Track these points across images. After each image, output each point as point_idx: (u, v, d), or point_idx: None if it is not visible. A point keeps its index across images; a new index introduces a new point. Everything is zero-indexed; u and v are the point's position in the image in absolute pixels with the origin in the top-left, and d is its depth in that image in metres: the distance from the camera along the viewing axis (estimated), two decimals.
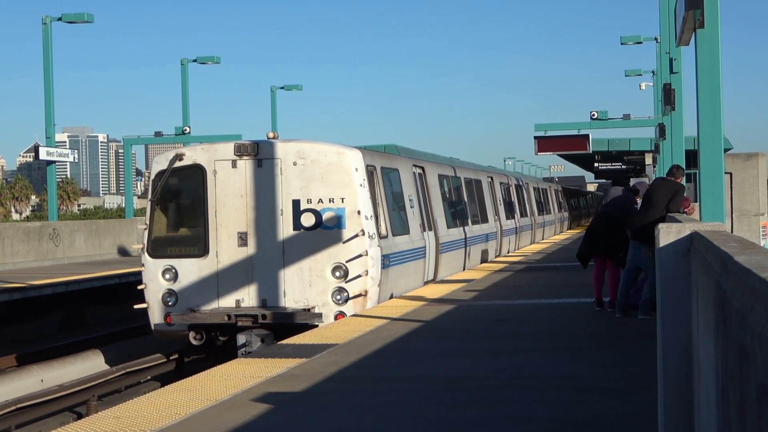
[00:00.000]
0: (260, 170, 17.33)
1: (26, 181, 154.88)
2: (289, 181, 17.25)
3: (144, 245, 17.84)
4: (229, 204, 17.38)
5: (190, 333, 17.29)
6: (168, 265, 17.58)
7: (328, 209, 17.22)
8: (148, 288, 17.77)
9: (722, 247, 4.47)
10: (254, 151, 17.35)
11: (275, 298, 17.23)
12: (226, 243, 17.38)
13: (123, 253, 35.29)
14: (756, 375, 2.90)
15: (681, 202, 14.07)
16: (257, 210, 17.31)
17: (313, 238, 17.20)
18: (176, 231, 18.36)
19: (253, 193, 17.32)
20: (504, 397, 9.35)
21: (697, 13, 11.01)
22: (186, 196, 18.30)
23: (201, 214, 17.60)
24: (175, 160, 17.60)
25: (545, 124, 36.62)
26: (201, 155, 17.57)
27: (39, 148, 35.35)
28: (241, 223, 17.36)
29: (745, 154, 33.33)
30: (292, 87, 56.16)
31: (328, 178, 17.24)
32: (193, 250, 17.67)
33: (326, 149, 17.54)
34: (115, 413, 9.12)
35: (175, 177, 17.81)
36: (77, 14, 35.69)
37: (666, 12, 21.91)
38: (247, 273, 17.31)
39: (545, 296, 18.65)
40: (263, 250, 17.28)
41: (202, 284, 17.44)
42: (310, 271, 17.21)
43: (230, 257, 17.37)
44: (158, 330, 17.85)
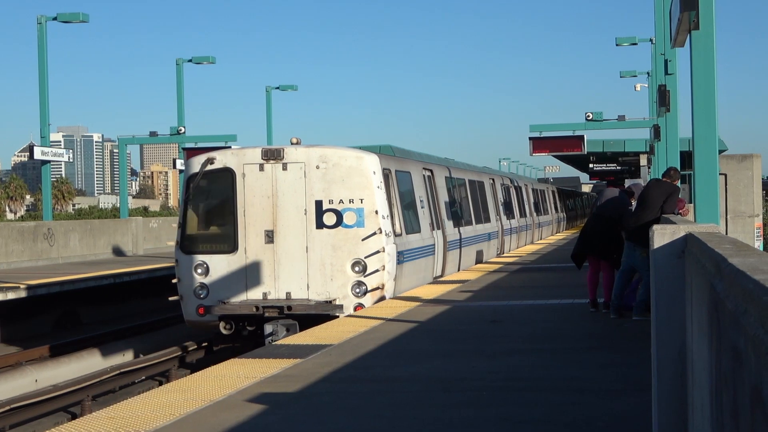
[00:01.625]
0: (285, 173, 18.71)
1: (21, 180, 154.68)
2: (312, 183, 18.62)
3: (178, 242, 19.29)
4: (256, 204, 18.74)
5: (221, 323, 18.66)
6: (200, 260, 18.93)
7: (348, 209, 18.60)
8: (182, 282, 19.11)
9: (716, 249, 4.47)
10: (280, 155, 18.78)
11: (299, 291, 18.59)
12: (253, 240, 18.71)
13: (118, 253, 35.26)
14: (749, 377, 2.90)
15: (676, 204, 14.08)
16: (282, 210, 18.69)
17: (334, 235, 18.59)
18: (207, 229, 19.74)
19: (279, 194, 18.72)
20: (499, 398, 9.35)
21: (692, 15, 11.02)
22: (216, 197, 19.57)
23: (230, 214, 18.92)
24: (207, 163, 19.00)
25: (540, 125, 36.63)
26: (231, 159, 18.97)
27: (34, 148, 35.30)
28: (268, 222, 18.70)
29: (740, 156, 33.33)
30: (287, 87, 56.13)
31: (348, 180, 18.64)
32: (223, 246, 18.96)
33: (346, 154, 18.95)
34: (109, 413, 9.11)
35: (206, 179, 19.17)
36: (72, 14, 35.63)
37: (661, 13, 21.91)
38: (273, 268, 18.65)
39: (540, 297, 18.66)
40: (288, 246, 18.67)
41: (232, 278, 18.76)
42: (331, 266, 18.59)
43: (258, 253, 18.70)
44: (191, 320, 19.16)
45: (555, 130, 36.96)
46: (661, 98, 20.94)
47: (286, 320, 18.33)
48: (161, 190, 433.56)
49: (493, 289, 20.71)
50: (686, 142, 26.50)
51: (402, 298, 19.12)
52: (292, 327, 18.10)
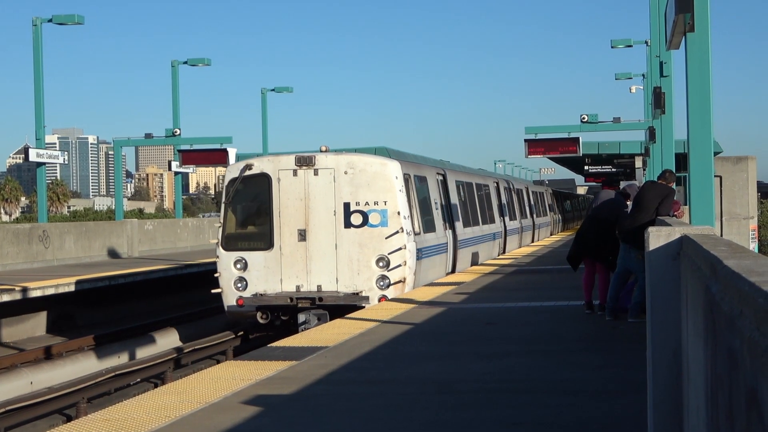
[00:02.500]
0: (316, 178, 20.66)
1: (16, 182, 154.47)
2: (341, 187, 20.59)
3: (219, 240, 21.15)
4: (290, 206, 20.69)
5: (258, 313, 20.69)
6: (239, 256, 20.84)
7: (373, 210, 20.58)
8: (222, 276, 20.97)
9: (711, 251, 4.48)
10: (312, 162, 20.71)
11: (329, 284, 20.54)
12: (288, 238, 20.67)
13: (113, 255, 35.22)
14: (745, 379, 2.91)
15: (671, 206, 14.09)
16: (314, 211, 20.63)
17: (361, 234, 20.57)
18: (245, 228, 21.76)
19: (311, 196, 20.65)
20: (494, 401, 9.35)
21: (687, 17, 11.04)
22: (254, 200, 21.47)
23: (267, 215, 20.91)
24: (246, 169, 20.95)
25: (535, 127, 36.63)
26: (267, 165, 20.94)
27: (29, 150, 35.23)
28: (301, 222, 20.66)
29: (735, 158, 33.39)
30: (282, 89, 56.11)
31: (374, 184, 20.60)
32: (260, 244, 20.93)
33: (372, 161, 20.97)
34: (104, 416, 9.10)
35: (244, 183, 21.05)
36: (67, 16, 35.57)
37: (656, 16, 21.94)
38: (306, 263, 20.64)
39: (535, 299, 18.66)
40: (319, 244, 20.62)
41: (268, 272, 20.73)
42: (358, 261, 20.56)
43: (291, 250, 20.66)
44: (230, 311, 21.08)
45: (550, 132, 36.95)
46: (656, 100, 20.96)
47: (318, 310, 20.17)
48: (156, 192, 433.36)
49: (488, 291, 20.71)
50: (681, 144, 26.49)
51: (398, 300, 19.19)
52: (323, 316, 19.81)
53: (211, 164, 40.18)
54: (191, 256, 36.53)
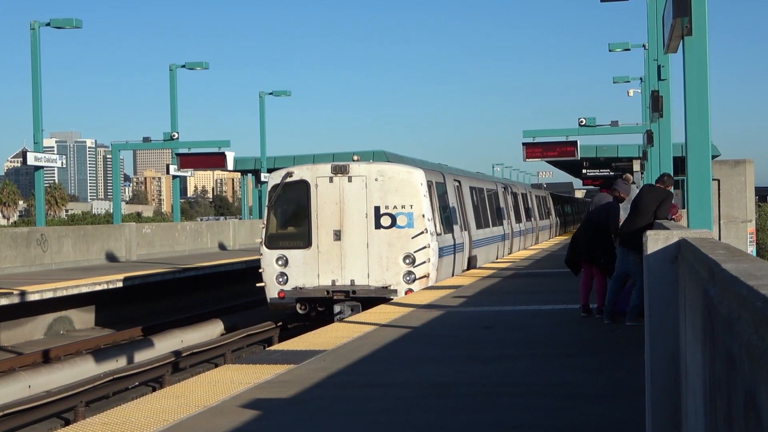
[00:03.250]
0: (350, 184, 22.83)
1: (14, 186, 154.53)
2: (372, 193, 22.74)
3: (262, 239, 23.28)
4: (326, 209, 22.81)
5: (297, 304, 22.89)
6: (281, 254, 22.99)
7: (400, 213, 22.76)
8: (266, 271, 23.14)
9: (710, 255, 4.48)
10: (346, 170, 22.89)
11: (361, 279, 22.71)
12: (324, 238, 22.81)
13: (111, 259, 35.19)
14: (743, 383, 2.91)
15: (669, 209, 14.10)
16: (348, 214, 22.78)
17: (390, 234, 22.72)
18: (286, 229, 23.85)
19: (345, 201, 22.79)
20: (492, 404, 9.36)
21: (685, 21, 11.05)
22: (294, 203, 23.52)
23: (305, 217, 23.04)
24: (287, 176, 23.12)
25: (533, 131, 36.69)
26: (306, 173, 23.08)
27: (27, 154, 35.20)
28: (336, 223, 22.79)
29: (733, 161, 33.38)
30: (280, 93, 56.15)
31: (401, 190, 22.76)
32: (299, 243, 23.05)
33: (399, 169, 23.37)
34: (102, 419, 9.10)
35: (285, 189, 23.15)
36: (65, 19, 35.52)
37: (654, 19, 21.96)
38: (340, 260, 22.78)
39: (533, 302, 18.68)
40: (352, 243, 22.78)
41: (307, 268, 22.87)
42: (387, 258, 22.69)
43: (328, 248, 22.81)
44: (273, 303, 23.29)
45: (548, 136, 37.01)
46: (654, 104, 20.98)
47: (351, 302, 22.38)
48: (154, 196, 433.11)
49: (486, 295, 20.73)
50: (679, 148, 26.47)
51: (396, 304, 19.23)
52: (356, 307, 21.94)
53: (209, 168, 40.24)
54: (190, 259, 36.50)
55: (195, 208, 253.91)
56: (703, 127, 11.64)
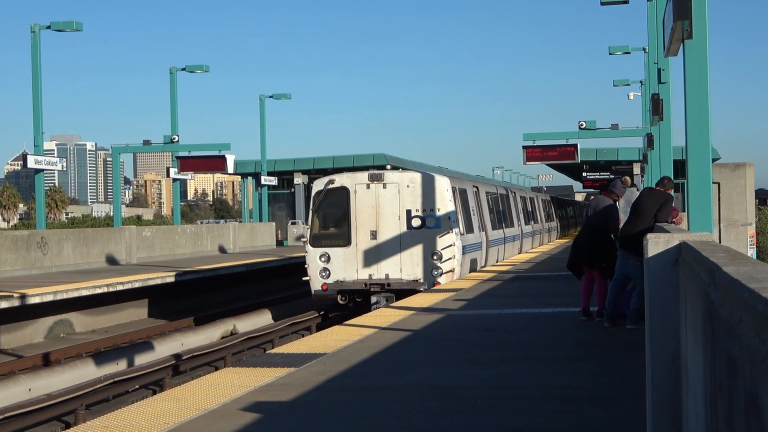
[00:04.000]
0: (385, 190, 25.68)
1: (14, 189, 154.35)
2: (404, 197, 25.58)
3: (307, 239, 26.21)
4: (364, 212, 25.68)
5: (338, 296, 25.73)
6: (323, 251, 25.81)
7: (429, 215, 25.53)
8: (310, 267, 25.98)
9: (710, 258, 4.48)
10: (381, 178, 25.77)
11: (395, 273, 25.58)
12: (362, 237, 25.68)
13: (111, 262, 35.18)
14: (744, 385, 2.91)
15: (669, 212, 14.09)
16: (383, 216, 25.63)
17: (420, 234, 25.53)
18: (328, 230, 26.39)
19: (381, 205, 25.65)
20: (492, 407, 9.35)
21: (685, 24, 11.05)
22: (335, 207, 26.13)
23: (345, 219, 25.85)
24: (329, 183, 25.95)
25: (534, 134, 36.66)
26: (346, 180, 25.92)
27: (27, 156, 35.17)
28: (372, 224, 25.64)
29: (733, 164, 33.41)
30: (280, 96, 56.13)
31: (430, 195, 25.59)
32: (340, 242, 25.86)
33: (428, 177, 26.24)
34: (103, 422, 9.09)
35: (327, 195, 25.94)
36: (66, 22, 35.51)
37: (654, 22, 21.96)
38: (376, 256, 25.61)
39: (533, 306, 18.67)
40: (387, 241, 25.58)
41: (347, 264, 25.72)
42: (417, 255, 25.47)
43: (365, 246, 25.65)
44: (317, 294, 26.16)
45: (548, 139, 36.98)
46: (654, 107, 20.98)
47: (386, 293, 25.12)
48: (155, 199, 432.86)
49: (486, 298, 20.72)
50: (680, 151, 26.52)
51: (395, 307, 19.23)
52: (390, 298, 24.57)
53: (209, 171, 40.23)
54: (190, 262, 36.50)
55: (195, 211, 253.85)
56: (703, 130, 11.64)
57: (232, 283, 36.84)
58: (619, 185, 16.46)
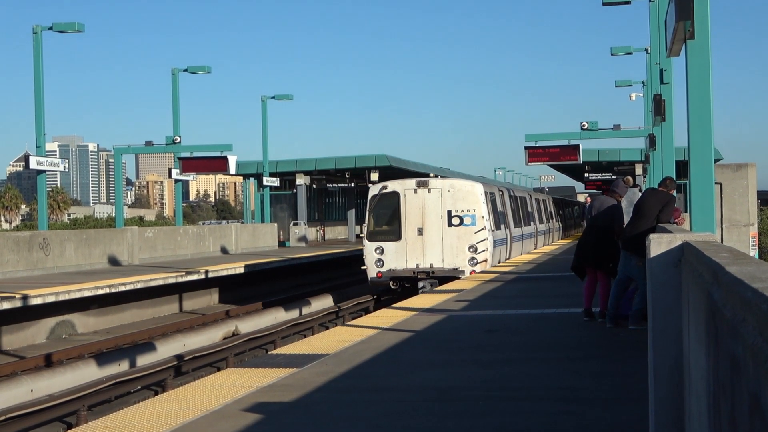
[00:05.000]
0: (429, 194, 30.56)
1: (16, 190, 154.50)
2: (445, 200, 30.43)
3: (365, 235, 31.46)
4: (412, 212, 30.53)
5: (390, 282, 30.73)
6: (378, 245, 30.73)
7: (466, 215, 30.35)
8: (367, 258, 30.89)
9: (713, 258, 4.48)
10: (427, 184, 30.79)
11: (438, 262, 30.38)
12: (410, 233, 30.54)
13: (113, 263, 35.19)
14: (748, 386, 2.90)
15: (672, 213, 14.07)
16: (428, 216, 30.47)
17: (458, 230, 30.37)
18: (382, 227, 31.21)
19: (426, 206, 30.47)
20: (494, 408, 9.34)
21: (687, 24, 11.03)
22: (388, 208, 30.98)
23: (396, 218, 30.70)
24: (383, 189, 31.04)
25: (536, 135, 36.67)
26: (397, 186, 30.89)
27: (29, 158, 35.18)
28: (419, 222, 30.47)
29: (735, 165, 33.35)
30: (282, 96, 56.12)
31: (467, 198, 30.44)
32: (392, 237, 30.71)
33: (465, 183, 31.44)
34: (105, 423, 9.09)
35: (381, 198, 30.90)
36: (68, 23, 35.51)
37: (656, 23, 21.96)
38: (422, 249, 30.46)
39: (535, 306, 18.65)
40: (431, 237, 30.45)
41: (398, 255, 30.61)
42: (456, 248, 30.34)
43: (413, 241, 30.53)
44: (372, 281, 31.30)
45: (550, 140, 36.98)
46: (656, 107, 20.97)
47: (431, 279, 29.88)
48: (157, 200, 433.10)
49: (488, 298, 20.71)
50: (682, 152, 26.51)
51: (397, 308, 19.21)
52: (434, 283, 29.18)
53: (211, 172, 40.27)
54: (192, 263, 36.51)
55: (197, 212, 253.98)
56: (705, 130, 11.62)
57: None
58: (622, 185, 16.44)
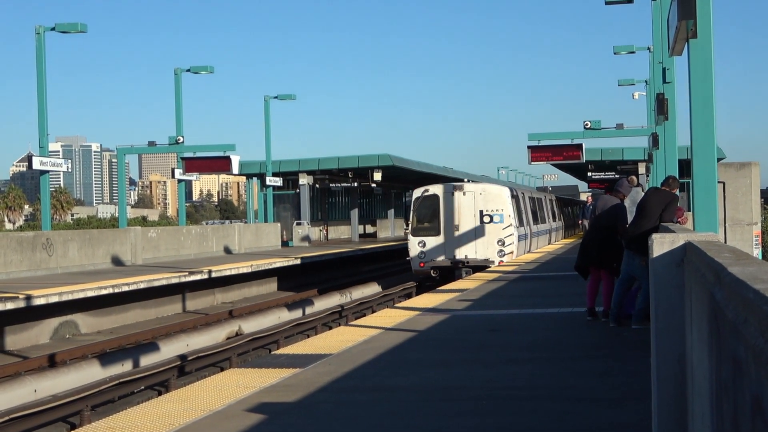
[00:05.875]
0: (464, 197, 35.72)
1: (19, 190, 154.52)
2: (478, 201, 35.56)
3: (409, 231, 36.99)
4: (449, 211, 35.48)
5: (431, 271, 35.73)
6: (421, 239, 35.86)
7: (495, 214, 35.41)
8: (411, 250, 36.10)
9: (716, 258, 4.47)
10: (462, 188, 35.92)
11: (472, 254, 35.49)
12: (448, 229, 35.53)
13: (117, 263, 35.21)
14: (750, 386, 2.90)
15: (674, 212, 14.06)
16: (463, 214, 35.55)
17: (489, 227, 35.40)
18: (424, 224, 36.17)
19: (461, 207, 35.57)
20: (497, 408, 9.34)
21: (689, 24, 11.02)
22: (429, 209, 36.12)
23: (436, 216, 35.89)
24: (424, 192, 36.20)
25: (539, 134, 36.64)
26: (437, 189, 35.95)
27: (32, 158, 35.16)
28: (456, 220, 35.47)
29: (738, 164, 33.29)
30: (285, 96, 56.09)
31: (495, 200, 35.63)
32: (432, 232, 35.85)
33: (494, 187, 37.16)
34: (108, 423, 9.10)
35: (423, 200, 36.18)
36: (70, 24, 35.49)
37: (659, 22, 21.93)
38: (458, 243, 35.44)
39: (538, 306, 18.65)
40: (465, 232, 35.44)
41: (437, 248, 35.65)
42: (487, 242, 35.36)
43: (450, 236, 35.50)
44: (416, 270, 36.36)
45: (553, 139, 36.95)
46: (659, 106, 20.96)
47: (466, 268, 34.67)
48: (160, 200, 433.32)
49: (491, 298, 20.71)
50: (685, 151, 26.50)
51: (400, 308, 19.22)
52: (469, 271, 33.71)
53: (214, 171, 40.26)
54: (196, 263, 36.52)
55: (200, 212, 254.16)
56: (708, 129, 11.61)
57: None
58: (626, 184, 16.43)
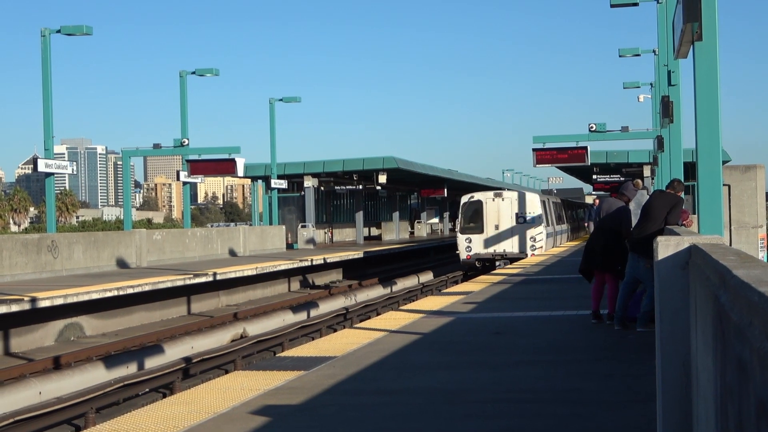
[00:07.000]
0: (503, 201, 43.02)
1: (25, 192, 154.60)
2: (514, 205, 42.83)
3: (458, 229, 44.34)
4: (490, 214, 42.98)
5: (476, 262, 42.82)
6: (468, 236, 43.14)
7: (529, 215, 42.57)
8: (460, 245, 43.43)
9: (721, 261, 4.47)
10: (501, 195, 43.32)
11: (510, 249, 42.57)
12: (490, 228, 42.93)
13: (122, 265, 35.23)
14: (755, 390, 2.90)
15: (680, 215, 14.05)
16: (502, 216, 42.75)
17: (523, 226, 42.45)
18: (470, 224, 43.42)
19: (501, 210, 42.86)
20: (502, 410, 9.34)
21: (695, 26, 11.01)
22: (474, 211, 43.38)
23: (480, 218, 43.11)
24: (470, 198, 43.54)
25: (544, 137, 36.66)
26: (480, 196, 43.43)
27: (38, 160, 35.22)
28: (496, 221, 42.79)
29: (744, 166, 33.24)
30: (290, 99, 56.13)
31: (530, 204, 42.92)
32: (477, 231, 43.09)
33: (528, 194, 44.42)
34: (113, 426, 9.10)
35: (468, 204, 43.57)
36: (76, 26, 35.52)
37: (664, 24, 21.92)
38: (498, 239, 42.56)
39: (543, 308, 18.64)
40: (504, 231, 42.46)
41: (481, 244, 42.78)
42: (521, 238, 42.40)
43: (491, 234, 42.76)
44: (463, 261, 43.70)
45: (558, 142, 36.96)
46: (664, 109, 20.93)
47: (504, 260, 41.33)
48: (165, 202, 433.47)
49: (496, 301, 20.70)
50: (690, 153, 26.44)
51: (405, 310, 19.21)
52: (506, 262, 40.13)
53: (219, 174, 40.29)
54: (200, 266, 36.53)
55: (205, 215, 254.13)
56: (713, 132, 11.60)
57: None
58: (631, 187, 16.42)
